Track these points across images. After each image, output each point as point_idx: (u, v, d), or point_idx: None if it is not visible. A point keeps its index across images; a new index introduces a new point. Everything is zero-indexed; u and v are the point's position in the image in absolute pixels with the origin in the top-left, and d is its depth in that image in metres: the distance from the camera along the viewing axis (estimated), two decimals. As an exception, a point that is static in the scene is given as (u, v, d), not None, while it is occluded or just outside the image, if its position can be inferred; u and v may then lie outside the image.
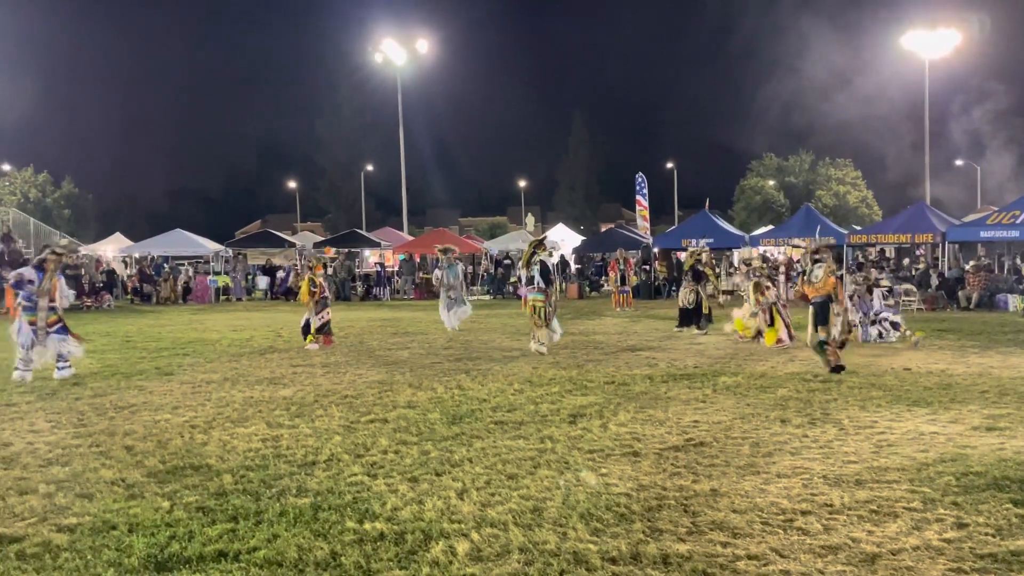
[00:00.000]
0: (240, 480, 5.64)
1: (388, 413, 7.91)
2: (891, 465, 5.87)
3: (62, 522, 4.80)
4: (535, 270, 12.59)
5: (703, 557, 4.20)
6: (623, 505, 5.02)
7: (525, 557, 4.23)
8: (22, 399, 8.81)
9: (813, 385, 9.25)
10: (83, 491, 5.41)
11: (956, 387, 9.07)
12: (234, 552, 4.31)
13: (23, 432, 7.21)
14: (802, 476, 5.63)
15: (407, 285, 30.44)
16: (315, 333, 13.55)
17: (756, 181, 67.09)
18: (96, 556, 4.28)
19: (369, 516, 4.85)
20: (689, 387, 9.25)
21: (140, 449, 6.54)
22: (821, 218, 29.32)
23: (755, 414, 7.74)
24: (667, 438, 6.80)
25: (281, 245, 33.99)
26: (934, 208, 27.41)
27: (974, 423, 7.23)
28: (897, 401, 8.30)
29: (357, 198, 66.84)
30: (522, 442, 6.67)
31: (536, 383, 9.59)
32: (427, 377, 10.16)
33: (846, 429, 7.06)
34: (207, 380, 10.10)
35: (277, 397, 8.86)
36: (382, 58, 39.70)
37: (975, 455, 6.10)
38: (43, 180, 63.56)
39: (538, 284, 12.53)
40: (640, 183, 34.85)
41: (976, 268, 22.18)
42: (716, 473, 5.74)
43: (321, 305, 13.63)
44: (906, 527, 4.60)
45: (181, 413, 8.02)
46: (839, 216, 53.79)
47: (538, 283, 12.53)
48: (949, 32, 33.50)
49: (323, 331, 13.66)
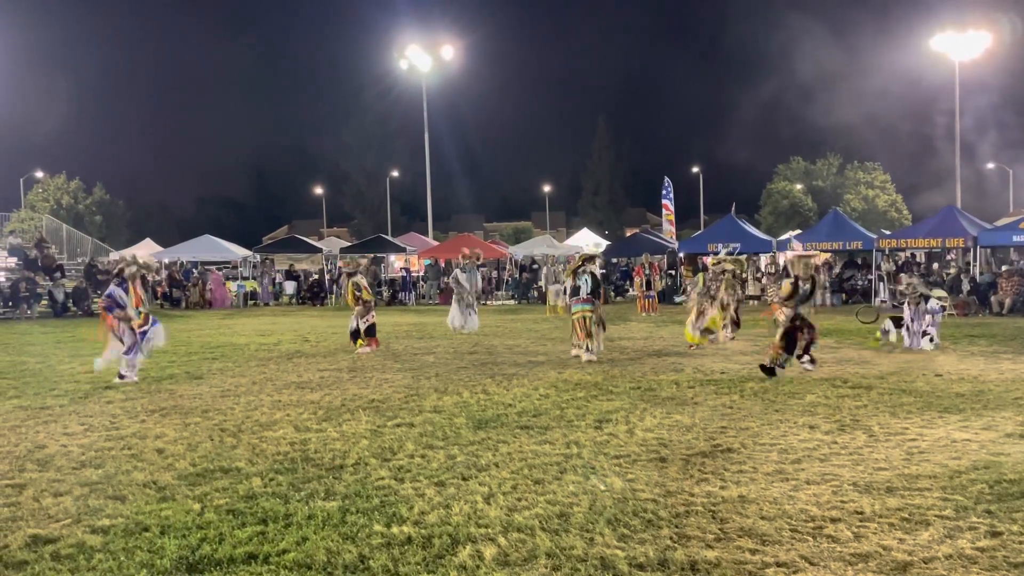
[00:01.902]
0: (269, 483, 5.70)
1: (414, 417, 7.94)
2: (923, 472, 5.79)
3: (95, 523, 4.87)
4: (582, 280, 12.61)
5: (732, 564, 4.18)
6: (650, 511, 5.00)
7: (552, 562, 4.22)
8: (56, 402, 8.96)
9: (842, 391, 9.16)
10: (116, 493, 5.49)
11: (989, 394, 8.93)
12: (264, 554, 4.35)
13: (57, 435, 7.33)
14: (832, 483, 5.57)
15: (432, 290, 30.56)
16: (364, 336, 13.72)
17: (783, 185, 66.51)
18: (129, 557, 4.35)
19: (397, 520, 4.88)
20: (716, 392, 9.20)
21: (171, 452, 6.63)
22: (849, 222, 29.02)
23: (783, 420, 7.67)
24: (694, 444, 6.76)
25: (308, 250, 34.27)
26: (965, 212, 27.03)
27: (1007, 430, 7.12)
28: (928, 408, 8.19)
29: (383, 203, 67.27)
30: (548, 447, 6.67)
31: (562, 388, 9.58)
32: (453, 382, 10.19)
33: (876, 436, 6.97)
34: (236, 384, 10.20)
35: (305, 401, 8.94)
36: (407, 64, 39.91)
37: (1008, 463, 6.00)
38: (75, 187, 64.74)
39: (585, 295, 12.50)
40: (666, 187, 34.75)
41: (1009, 273, 21.84)
42: (744, 479, 5.70)
43: (366, 309, 13.81)
44: (938, 535, 4.54)
45: (211, 416, 8.11)
46: (868, 220, 53.13)
47: (586, 294, 12.51)
48: (980, 34, 33.05)
49: (370, 334, 13.82)
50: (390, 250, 34.63)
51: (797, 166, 67.61)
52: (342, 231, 72.55)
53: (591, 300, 12.52)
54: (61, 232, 34.23)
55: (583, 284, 12.57)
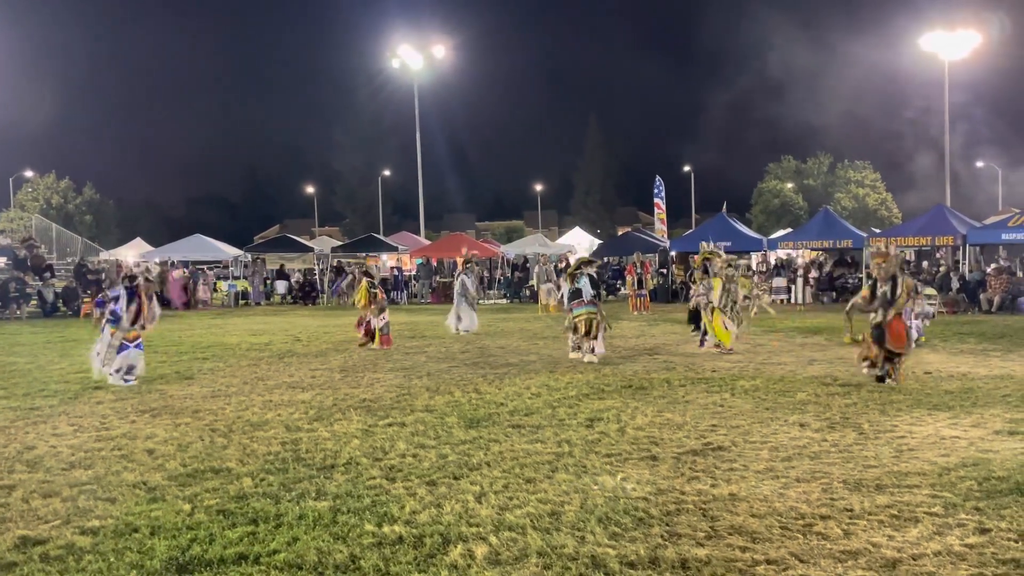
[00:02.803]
0: (260, 483, 5.69)
1: (406, 417, 7.93)
2: (912, 470, 5.82)
3: (85, 525, 4.85)
4: (581, 282, 12.54)
5: (722, 562, 4.19)
6: (641, 509, 5.01)
7: (543, 561, 4.23)
8: (45, 403, 8.91)
9: (833, 389, 9.19)
10: (105, 494, 5.47)
11: (978, 391, 8.98)
12: (254, 555, 4.34)
13: (46, 436, 7.29)
14: (822, 481, 5.59)
15: (424, 289, 30.55)
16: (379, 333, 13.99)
17: (774, 184, 66.75)
18: (119, 558, 4.33)
19: (388, 519, 4.87)
20: (707, 391, 9.22)
21: (161, 452, 6.60)
22: (840, 221, 29.13)
23: (774, 418, 7.70)
24: (685, 442, 6.78)
25: (300, 250, 34.20)
26: (954, 210, 27.18)
27: (996, 427, 7.16)
28: (918, 405, 8.23)
29: (374, 203, 67.16)
30: (539, 446, 6.68)
31: (553, 387, 9.59)
32: (444, 381, 10.19)
33: (866, 433, 7.00)
34: (227, 384, 10.17)
35: (296, 401, 8.92)
36: (399, 64, 39.88)
37: (997, 460, 6.04)
38: (65, 186, 64.40)
39: (587, 297, 12.44)
40: (658, 186, 34.80)
41: (998, 271, 21.98)
42: (735, 477, 5.72)
43: (380, 309, 14.06)
44: (927, 532, 4.56)
45: (201, 417, 8.09)
46: (858, 219, 53.41)
47: (588, 296, 12.45)
48: (969, 34, 33.20)
49: (384, 332, 14.08)
50: (382, 249, 34.56)
51: (788, 165, 67.89)
52: (334, 230, 72.37)
53: (593, 302, 12.47)
54: (51, 232, 34.11)
55: (583, 287, 12.53)
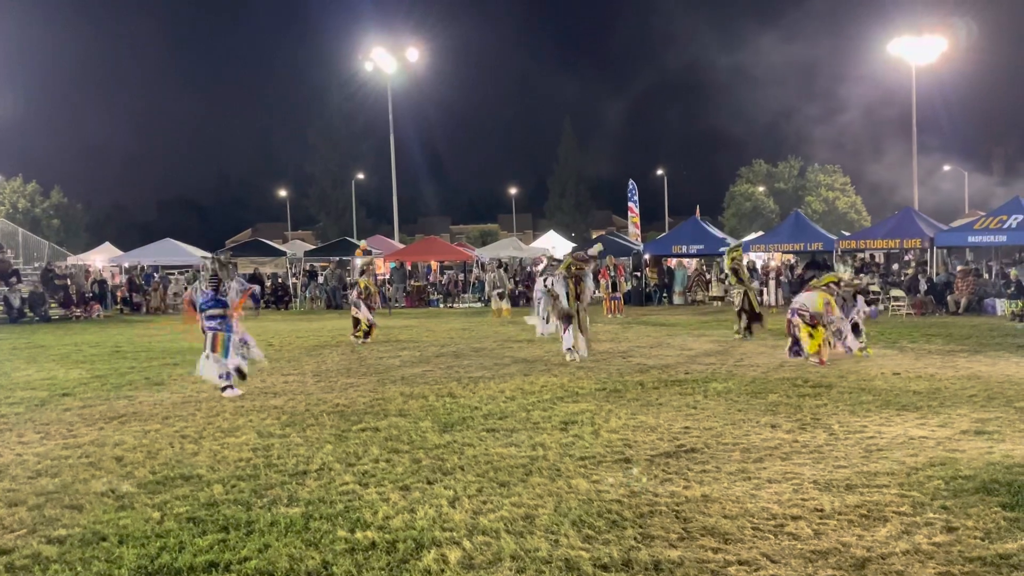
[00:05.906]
0: (231, 490, 5.62)
1: (379, 422, 7.89)
2: (881, 470, 5.89)
3: (52, 534, 4.77)
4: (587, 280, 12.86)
5: (694, 563, 4.21)
6: (615, 512, 5.03)
7: (517, 565, 4.22)
8: (11, 410, 8.75)
9: (803, 390, 9.29)
10: (72, 502, 5.38)
11: (945, 391, 9.11)
12: (225, 562, 4.29)
13: (12, 443, 7.16)
14: (792, 481, 5.65)
15: (398, 293, 30.42)
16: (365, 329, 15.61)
17: (746, 188, 67.41)
18: (86, 568, 4.26)
19: (361, 525, 4.84)
20: (680, 393, 9.27)
21: (130, 460, 6.51)
22: (810, 224, 29.45)
23: (746, 420, 7.76)
24: (658, 444, 6.81)
25: (272, 254, 33.94)
26: (922, 213, 27.61)
27: (963, 427, 7.27)
28: (887, 406, 8.34)
29: (348, 206, 66.78)
30: (514, 449, 6.67)
31: (528, 390, 9.59)
32: (418, 385, 10.15)
33: (836, 434, 7.08)
34: (197, 390, 10.05)
35: (268, 406, 8.84)
36: (373, 66, 39.71)
37: (964, 459, 6.13)
38: (32, 190, 63.27)
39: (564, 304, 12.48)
40: (632, 190, 34.99)
41: (964, 273, 22.33)
42: (707, 479, 5.76)
43: (368, 307, 15.71)
44: (896, 531, 4.62)
45: (171, 423, 7.99)
46: (828, 222, 54.14)
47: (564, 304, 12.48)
48: (936, 39, 33.74)
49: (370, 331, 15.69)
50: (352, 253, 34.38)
51: (759, 169, 68.59)
52: (307, 234, 71.86)
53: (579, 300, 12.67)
54: (17, 236, 33.49)
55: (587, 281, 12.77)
